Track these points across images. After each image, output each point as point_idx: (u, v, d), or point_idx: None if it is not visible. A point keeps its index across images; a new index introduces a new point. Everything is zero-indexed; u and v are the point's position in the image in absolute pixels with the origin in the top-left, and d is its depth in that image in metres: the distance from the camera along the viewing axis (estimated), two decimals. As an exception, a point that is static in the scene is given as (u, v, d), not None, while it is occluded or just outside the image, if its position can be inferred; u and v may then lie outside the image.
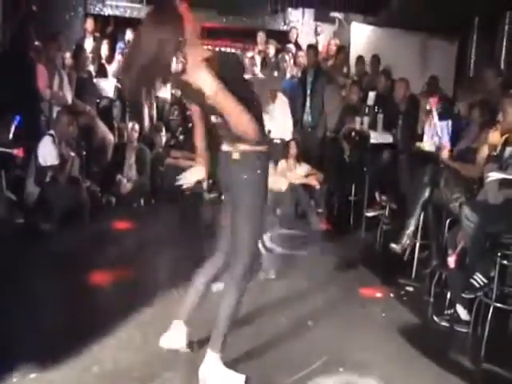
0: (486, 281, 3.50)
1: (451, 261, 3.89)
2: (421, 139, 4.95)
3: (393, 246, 4.83)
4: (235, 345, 2.91)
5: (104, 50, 8.01)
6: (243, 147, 2.68)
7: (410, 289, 4.47)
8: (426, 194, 4.56)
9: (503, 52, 7.15)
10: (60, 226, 5.35)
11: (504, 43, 7.13)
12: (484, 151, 4.02)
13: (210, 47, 9.62)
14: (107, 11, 9.21)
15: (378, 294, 4.34)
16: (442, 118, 4.86)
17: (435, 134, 4.72)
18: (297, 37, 8.83)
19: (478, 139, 4.30)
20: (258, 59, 8.14)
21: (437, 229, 4.49)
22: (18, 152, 5.12)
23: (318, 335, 3.55)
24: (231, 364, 2.89)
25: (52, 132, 5.53)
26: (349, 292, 4.35)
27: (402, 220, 4.98)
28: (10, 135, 5.12)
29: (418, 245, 4.67)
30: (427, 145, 4.79)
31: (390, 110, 5.93)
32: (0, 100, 5.24)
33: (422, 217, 4.60)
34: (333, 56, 8.28)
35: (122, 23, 9.09)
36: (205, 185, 7.42)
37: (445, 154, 4.37)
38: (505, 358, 3.35)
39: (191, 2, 2.70)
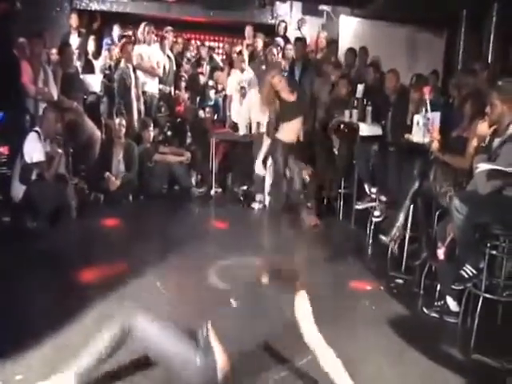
0: (475, 272, 3.49)
1: (441, 252, 3.89)
2: (410, 131, 4.93)
3: (382, 237, 4.82)
4: (225, 338, 2.87)
5: (91, 45, 7.94)
6: None
7: (400, 281, 4.47)
8: (416, 186, 4.55)
9: (491, 44, 7.14)
10: (47, 224, 5.29)
11: (492, 35, 7.11)
12: (473, 142, 4.01)
13: (198, 42, 9.63)
14: (93, 6, 9.11)
15: (368, 287, 4.34)
16: (432, 109, 4.84)
17: (425, 125, 4.69)
18: (285, 30, 8.78)
19: (467, 130, 4.29)
20: (246, 53, 8.08)
21: (426, 221, 4.48)
22: (2, 150, 5.06)
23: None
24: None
25: (37, 129, 5.45)
26: (339, 285, 4.34)
27: (391, 212, 4.97)
28: (-6, 133, 5.05)
29: (407, 237, 4.66)
30: (416, 136, 4.76)
31: (379, 102, 5.91)
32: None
33: (411, 209, 4.59)
34: (322, 49, 8.25)
35: (109, 18, 9.03)
36: (193, 180, 7.43)
37: (435, 146, 4.35)
38: (494, 348, 3.34)
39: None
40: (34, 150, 5.30)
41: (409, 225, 4.63)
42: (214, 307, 2.99)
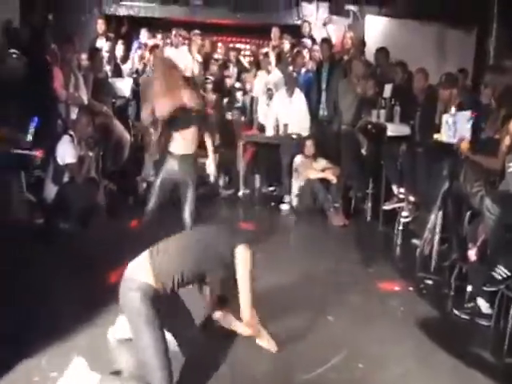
0: (508, 273, 3.42)
1: (472, 253, 3.84)
2: (439, 131, 4.87)
3: (415, 241, 4.80)
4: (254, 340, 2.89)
5: (119, 50, 8.06)
6: None
7: (430, 282, 4.43)
8: (446, 186, 4.50)
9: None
10: (78, 226, 5.39)
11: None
12: (506, 141, 3.94)
13: (225, 44, 9.69)
14: (122, 12, 9.25)
15: (397, 288, 4.31)
16: (462, 108, 4.77)
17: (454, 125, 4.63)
18: (310, 30, 8.76)
19: (499, 130, 4.22)
20: (273, 55, 8.11)
21: (457, 221, 4.42)
22: (37, 153, 5.18)
23: (336, 330, 3.53)
24: (249, 360, 2.88)
25: (71, 132, 5.56)
26: (367, 286, 4.32)
27: (420, 212, 4.93)
28: (29, 137, 5.16)
29: (437, 238, 4.61)
30: (445, 136, 4.71)
31: (407, 101, 5.85)
32: (18, 103, 5.28)
33: (441, 210, 4.55)
34: (348, 49, 8.21)
35: (137, 23, 9.16)
36: (221, 181, 7.48)
37: (465, 146, 4.30)
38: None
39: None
40: (66, 152, 5.40)
41: (439, 225, 4.58)
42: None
